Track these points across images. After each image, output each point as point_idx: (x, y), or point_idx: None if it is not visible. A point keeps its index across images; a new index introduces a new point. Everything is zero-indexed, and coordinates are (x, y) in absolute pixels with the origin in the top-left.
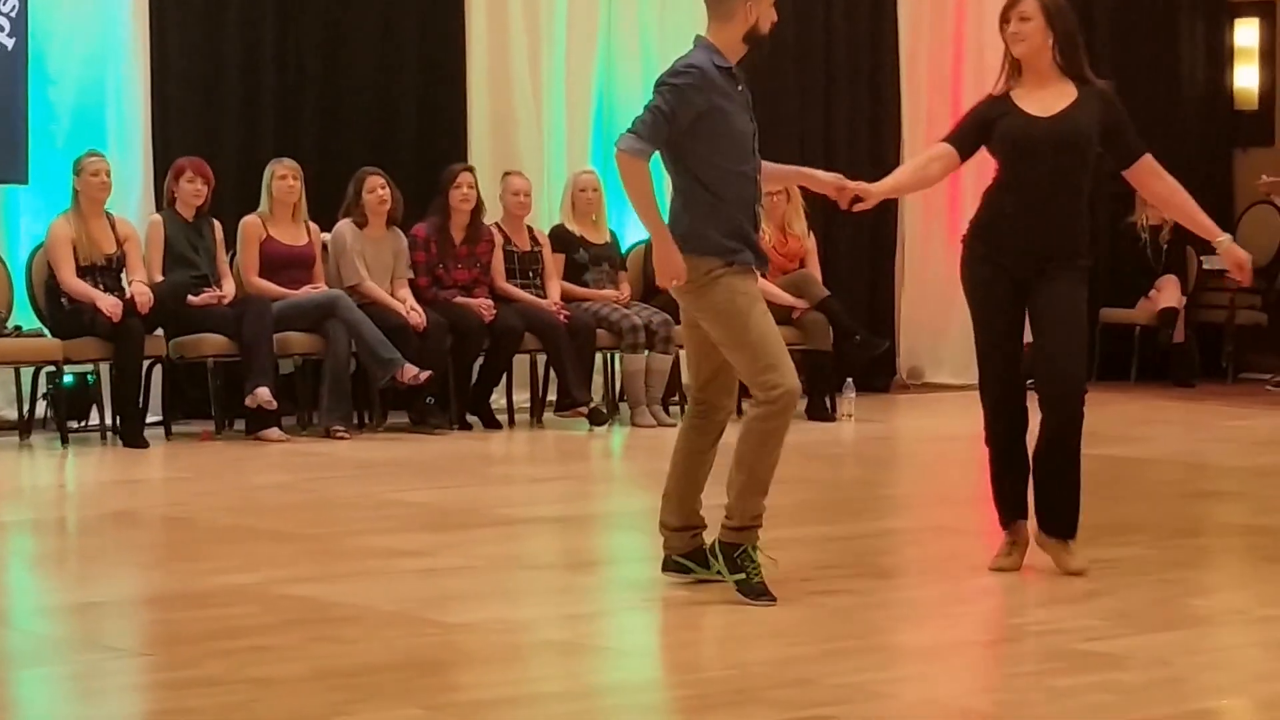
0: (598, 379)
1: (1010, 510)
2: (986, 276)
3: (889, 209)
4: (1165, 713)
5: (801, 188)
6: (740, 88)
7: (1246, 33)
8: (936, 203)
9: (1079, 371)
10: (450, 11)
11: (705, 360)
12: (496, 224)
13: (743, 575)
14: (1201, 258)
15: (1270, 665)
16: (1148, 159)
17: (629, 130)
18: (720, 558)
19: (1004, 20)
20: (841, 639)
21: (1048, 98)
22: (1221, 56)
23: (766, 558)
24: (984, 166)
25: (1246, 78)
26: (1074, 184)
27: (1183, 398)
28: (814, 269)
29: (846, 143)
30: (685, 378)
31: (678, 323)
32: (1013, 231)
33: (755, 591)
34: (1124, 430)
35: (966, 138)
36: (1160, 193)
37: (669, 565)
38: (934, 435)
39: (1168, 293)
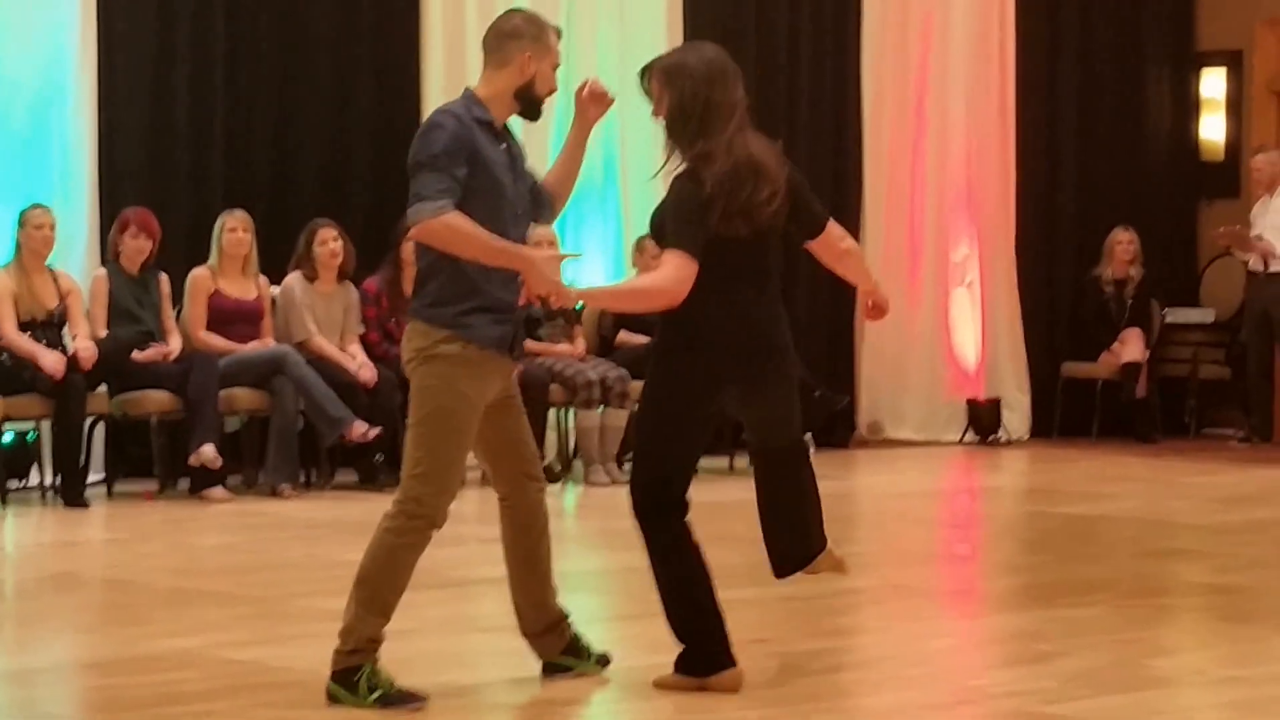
0: (551, 435)
1: None
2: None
3: None
4: None
5: None
6: (504, 145)
7: (1213, 83)
8: (896, 258)
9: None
10: (405, 61)
11: (479, 449)
12: None
13: (378, 692)
14: (1165, 311)
15: None
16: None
17: (414, 199)
18: (342, 688)
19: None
20: (799, 701)
21: None
22: (1188, 107)
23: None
24: (926, 227)
25: (1213, 129)
26: None
27: (1145, 454)
28: None
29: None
30: None
31: (634, 378)
32: None
33: (400, 699)
34: (1085, 487)
35: None
36: None
37: (548, 670)
38: (894, 492)
39: (1131, 347)
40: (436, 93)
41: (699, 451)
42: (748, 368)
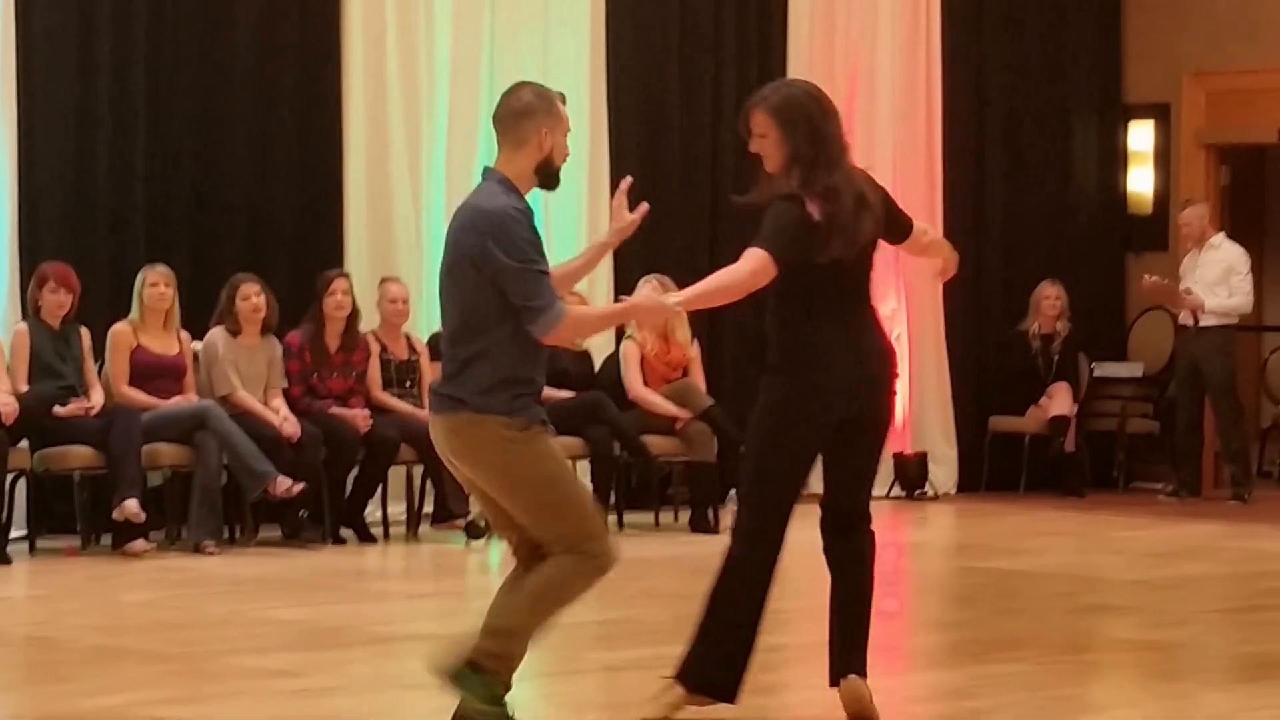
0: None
1: None
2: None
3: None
4: None
5: None
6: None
7: (1141, 135)
8: None
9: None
10: (328, 114)
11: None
12: (373, 332)
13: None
14: (1093, 365)
15: None
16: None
17: (534, 310)
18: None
19: (744, 133)
20: None
21: None
22: (1115, 160)
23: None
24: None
25: (1140, 182)
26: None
27: (1073, 508)
28: (698, 378)
29: (734, 243)
30: None
31: (560, 433)
32: None
33: None
34: (1013, 542)
35: None
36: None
37: None
38: (819, 547)
39: (1059, 401)
40: (358, 149)
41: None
42: (852, 399)
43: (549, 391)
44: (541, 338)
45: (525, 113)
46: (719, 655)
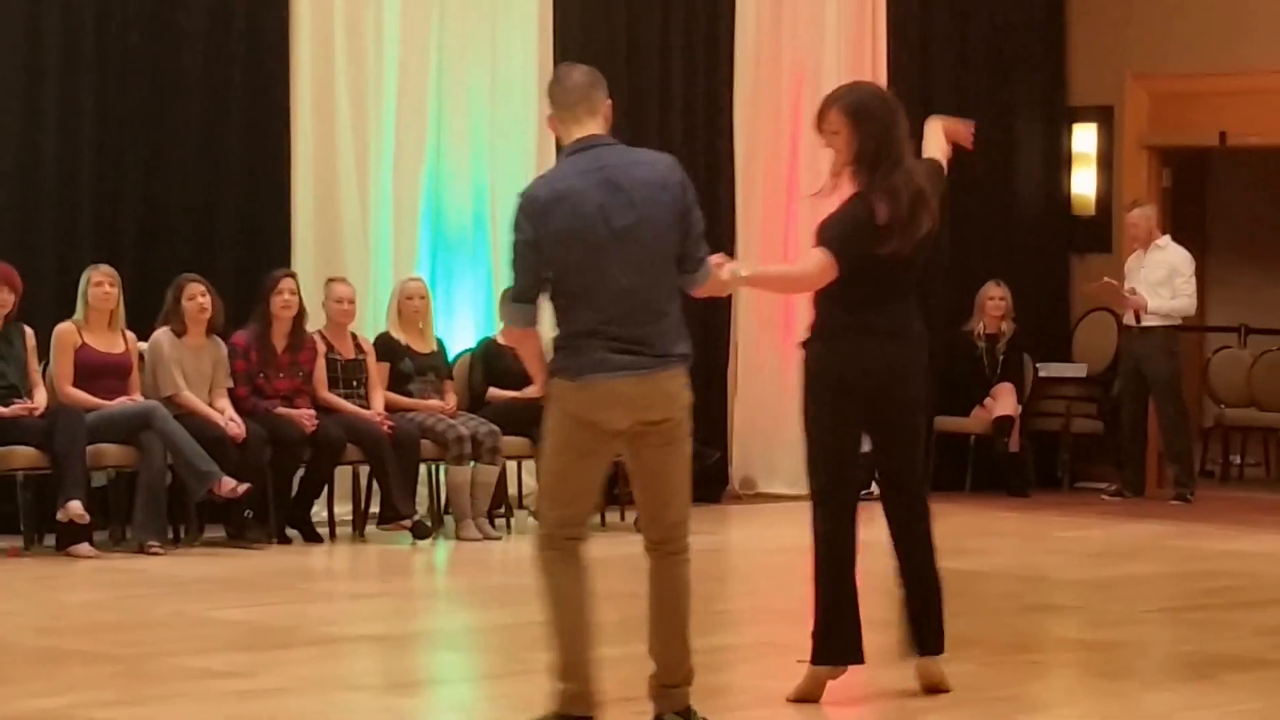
0: (422, 491)
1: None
2: None
3: (722, 317)
4: None
5: None
6: None
7: (1084, 138)
8: (769, 312)
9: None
10: (275, 114)
11: None
12: (319, 332)
13: None
14: (1037, 365)
15: None
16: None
17: (702, 261)
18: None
19: (816, 130)
20: None
21: None
22: (1059, 162)
23: None
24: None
25: (1084, 184)
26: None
27: (1018, 508)
28: None
29: None
30: (512, 489)
31: (506, 433)
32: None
33: None
34: (958, 543)
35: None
36: None
37: None
38: (767, 547)
39: (1003, 401)
40: (306, 150)
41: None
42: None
43: (495, 391)
44: (696, 290)
45: (595, 83)
46: (841, 626)
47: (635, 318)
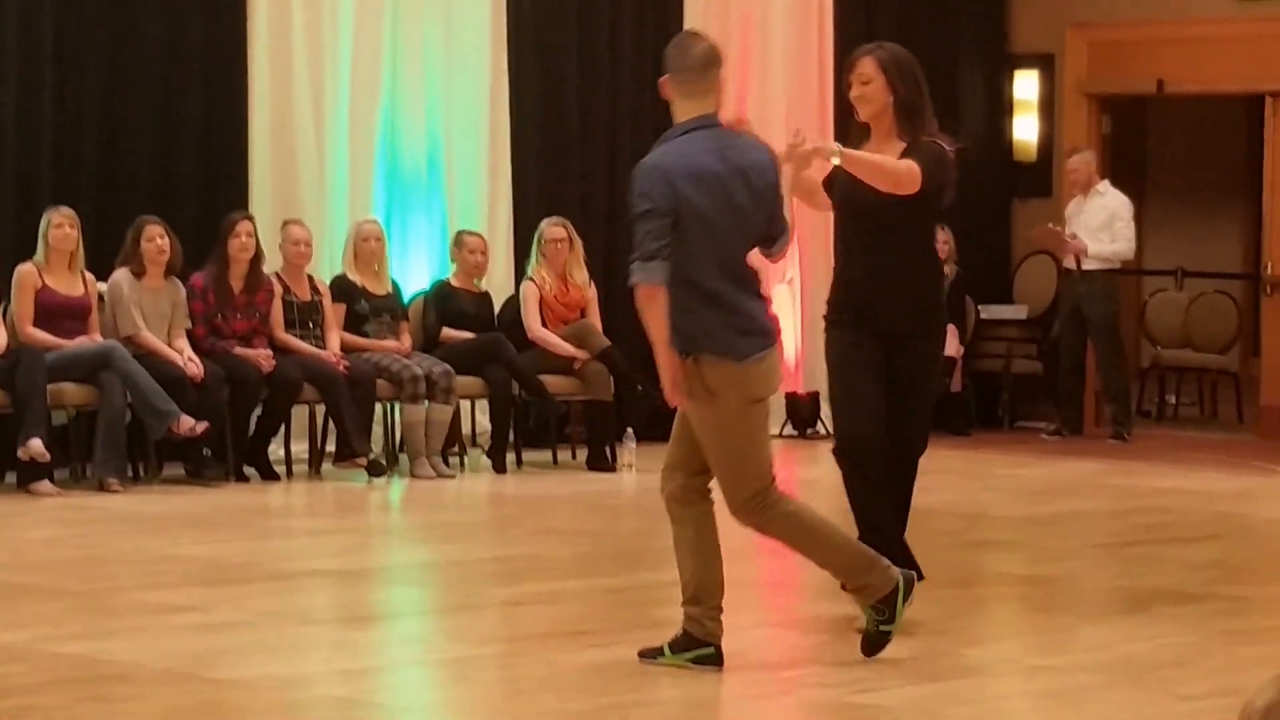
0: (377, 430)
1: None
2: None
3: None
4: None
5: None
6: None
7: (1026, 84)
8: None
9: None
10: (233, 58)
11: None
12: (276, 274)
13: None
14: (979, 307)
15: (1039, 715)
16: None
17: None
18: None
19: (847, 84)
20: (615, 693)
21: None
22: (1001, 109)
23: None
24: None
25: (1026, 130)
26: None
27: (960, 446)
28: (595, 319)
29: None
30: (465, 428)
31: (459, 373)
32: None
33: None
34: None
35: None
36: None
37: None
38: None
39: (946, 342)
40: (263, 95)
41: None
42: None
43: (448, 332)
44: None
45: (717, 60)
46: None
47: (751, 289)
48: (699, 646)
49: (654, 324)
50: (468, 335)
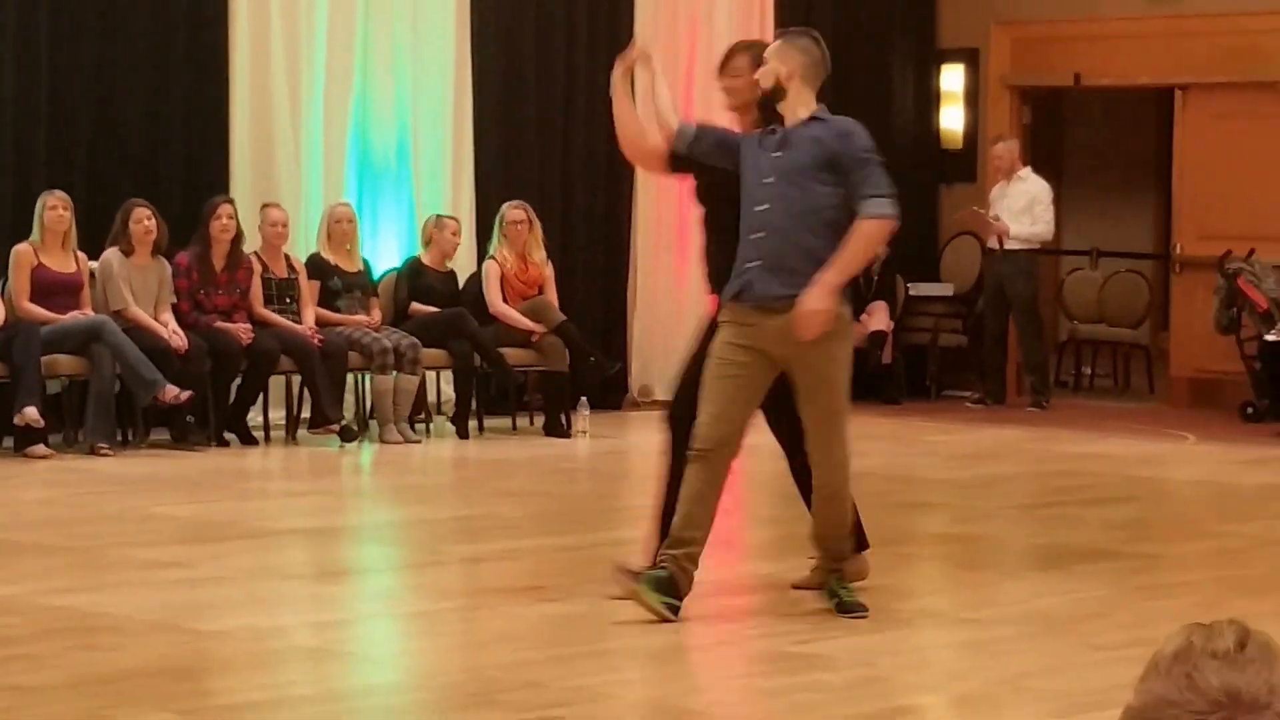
0: (349, 398)
1: None
2: None
3: (622, 240)
4: (867, 710)
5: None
6: None
7: (952, 77)
8: (666, 235)
9: None
10: (215, 53)
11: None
12: (255, 253)
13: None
14: (908, 285)
15: (964, 664)
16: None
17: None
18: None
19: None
20: (571, 644)
21: None
22: (930, 100)
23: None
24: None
25: (952, 119)
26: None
27: (890, 415)
28: (551, 295)
29: (585, 174)
30: (431, 396)
31: (425, 346)
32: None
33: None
34: None
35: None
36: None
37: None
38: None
39: (877, 317)
40: (243, 85)
41: None
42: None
43: (416, 306)
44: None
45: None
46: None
47: None
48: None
49: (869, 256)
50: (433, 310)
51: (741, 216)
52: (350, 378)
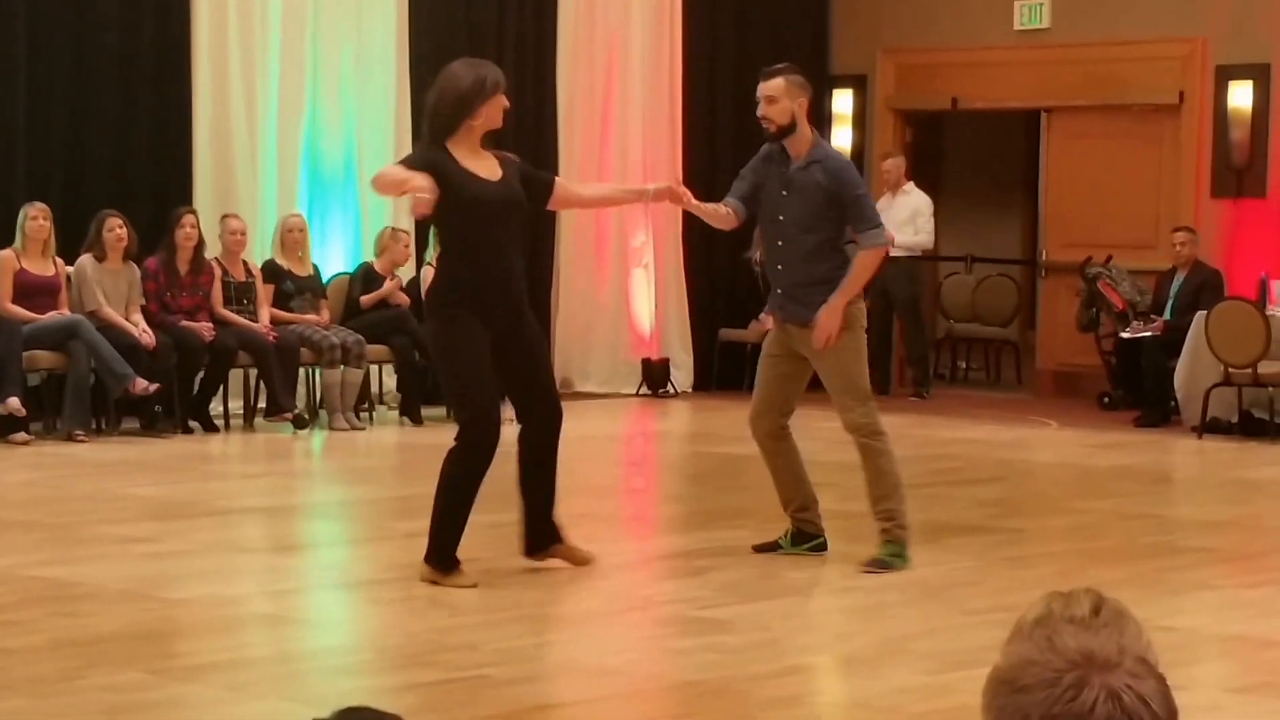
0: (301, 389)
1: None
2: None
3: (546, 243)
4: (763, 670)
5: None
6: None
7: (843, 101)
8: (585, 244)
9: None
10: (179, 77)
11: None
12: (216, 258)
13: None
14: None
15: (849, 627)
16: (559, 181)
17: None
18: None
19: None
20: (500, 610)
21: (483, 167)
22: (822, 121)
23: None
24: (611, 219)
25: (842, 139)
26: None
27: None
28: None
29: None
30: (374, 388)
31: (369, 342)
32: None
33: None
34: (737, 432)
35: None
36: (585, 196)
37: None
38: (582, 436)
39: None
40: (205, 108)
41: None
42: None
43: (366, 298)
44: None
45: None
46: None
47: None
48: (812, 539)
49: (869, 277)
50: (378, 312)
51: (764, 231)
52: (302, 371)
